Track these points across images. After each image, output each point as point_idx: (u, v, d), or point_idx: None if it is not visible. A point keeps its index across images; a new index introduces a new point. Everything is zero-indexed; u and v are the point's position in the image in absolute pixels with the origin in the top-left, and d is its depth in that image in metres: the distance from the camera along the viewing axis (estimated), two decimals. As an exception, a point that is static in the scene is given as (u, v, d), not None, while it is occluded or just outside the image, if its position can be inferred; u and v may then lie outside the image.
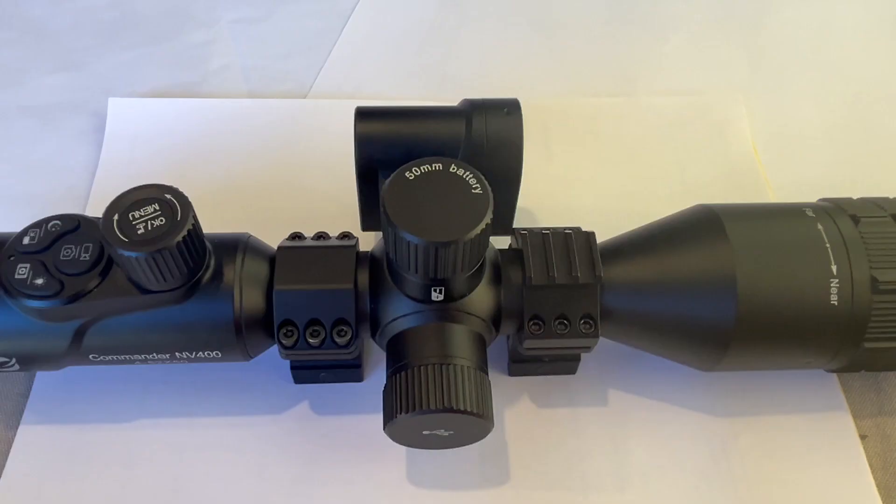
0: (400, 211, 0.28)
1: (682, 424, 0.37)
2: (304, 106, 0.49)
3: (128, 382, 0.37)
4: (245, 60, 0.51)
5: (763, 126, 0.49)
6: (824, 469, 0.35)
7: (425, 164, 0.29)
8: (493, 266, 0.33)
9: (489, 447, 0.36)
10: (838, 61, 0.53)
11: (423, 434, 0.31)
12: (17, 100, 0.48)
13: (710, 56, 0.53)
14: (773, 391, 0.37)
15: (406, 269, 0.29)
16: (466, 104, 0.35)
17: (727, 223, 0.33)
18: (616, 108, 0.49)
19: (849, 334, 0.32)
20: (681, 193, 0.45)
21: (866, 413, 0.37)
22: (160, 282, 0.30)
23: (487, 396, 0.30)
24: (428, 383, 0.29)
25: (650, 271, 0.33)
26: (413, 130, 0.34)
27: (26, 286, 0.30)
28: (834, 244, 0.32)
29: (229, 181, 0.45)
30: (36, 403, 0.37)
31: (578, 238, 0.33)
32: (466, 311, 0.31)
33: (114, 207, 0.29)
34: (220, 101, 0.48)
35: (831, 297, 0.31)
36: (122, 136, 0.46)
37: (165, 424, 0.36)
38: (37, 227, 0.31)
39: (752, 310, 0.31)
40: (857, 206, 0.34)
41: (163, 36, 0.52)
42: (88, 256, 0.30)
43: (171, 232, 0.28)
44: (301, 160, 0.46)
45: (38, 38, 0.52)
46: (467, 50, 0.53)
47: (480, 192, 0.28)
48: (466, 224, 0.27)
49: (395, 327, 0.32)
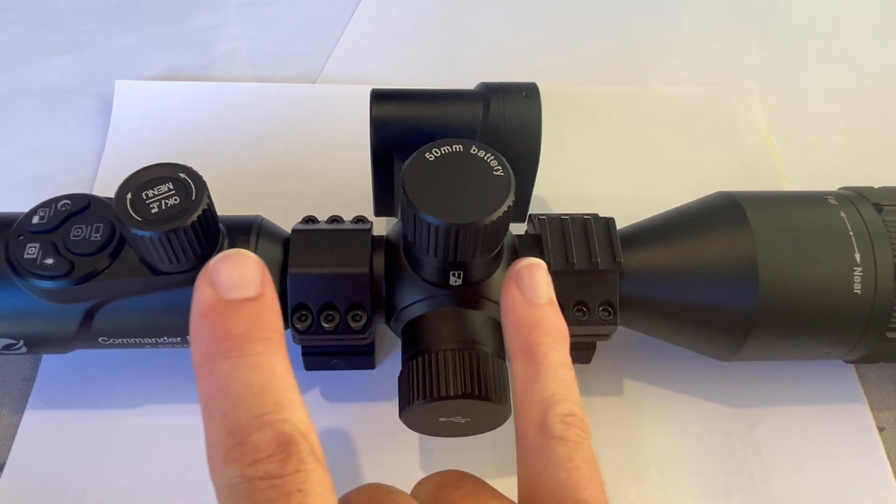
0: (420, 192, 0.27)
1: (698, 415, 0.36)
2: (313, 90, 0.48)
3: (135, 367, 0.37)
4: (253, 44, 0.51)
5: (777, 116, 0.48)
6: (842, 461, 0.35)
7: (446, 146, 0.28)
8: (510, 251, 0.32)
9: (503, 436, 0.35)
10: (852, 51, 0.52)
11: (439, 421, 0.30)
12: (23, 82, 0.48)
13: (724, 46, 0.53)
14: (791, 382, 0.37)
15: (425, 253, 0.29)
16: (483, 87, 0.34)
17: (748, 210, 0.32)
18: (629, 96, 0.49)
19: (871, 324, 0.31)
20: (695, 183, 0.45)
21: (884, 405, 0.37)
22: (173, 263, 0.29)
23: (506, 383, 0.30)
24: (448, 369, 0.28)
25: (670, 258, 0.33)
26: (430, 113, 0.34)
27: (36, 266, 0.29)
28: (857, 232, 0.32)
29: (237, 165, 0.44)
30: (42, 388, 0.36)
31: (598, 224, 0.33)
32: (485, 296, 0.31)
33: (127, 186, 0.28)
34: (229, 85, 0.48)
35: (854, 286, 0.31)
36: (129, 118, 0.46)
37: (173, 410, 0.35)
38: (46, 207, 0.30)
39: (773, 297, 0.31)
40: (879, 194, 0.34)
41: (170, 19, 0.52)
42: (99, 236, 0.30)
43: (185, 211, 0.28)
44: (310, 145, 0.45)
45: (44, 20, 0.51)
46: (478, 36, 0.52)
47: (502, 174, 0.28)
48: (488, 206, 0.27)
49: (411, 312, 0.31)
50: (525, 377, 0.24)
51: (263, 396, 0.19)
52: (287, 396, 0.19)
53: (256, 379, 0.19)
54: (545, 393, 0.23)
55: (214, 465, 0.19)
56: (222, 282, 0.20)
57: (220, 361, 0.19)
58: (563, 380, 0.24)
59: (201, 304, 0.20)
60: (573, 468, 0.22)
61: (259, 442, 0.18)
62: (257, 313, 0.20)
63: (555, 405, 0.23)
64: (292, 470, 0.18)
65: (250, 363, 0.19)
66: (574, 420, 0.23)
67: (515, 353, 0.25)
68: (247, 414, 0.19)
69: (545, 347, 0.24)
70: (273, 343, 0.20)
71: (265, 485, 0.18)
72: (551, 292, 0.26)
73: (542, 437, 0.23)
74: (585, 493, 0.22)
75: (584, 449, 0.23)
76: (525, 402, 0.24)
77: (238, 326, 0.19)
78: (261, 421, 0.18)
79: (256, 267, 0.20)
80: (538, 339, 0.24)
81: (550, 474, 0.22)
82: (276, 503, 0.18)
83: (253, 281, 0.20)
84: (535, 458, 0.23)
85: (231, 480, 0.18)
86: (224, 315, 0.20)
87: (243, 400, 0.19)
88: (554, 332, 0.25)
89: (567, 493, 0.22)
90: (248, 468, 0.18)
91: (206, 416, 0.19)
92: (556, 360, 0.24)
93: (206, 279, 0.20)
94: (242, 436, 0.18)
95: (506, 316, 0.26)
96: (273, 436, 0.18)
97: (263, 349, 0.19)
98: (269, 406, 0.19)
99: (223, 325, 0.19)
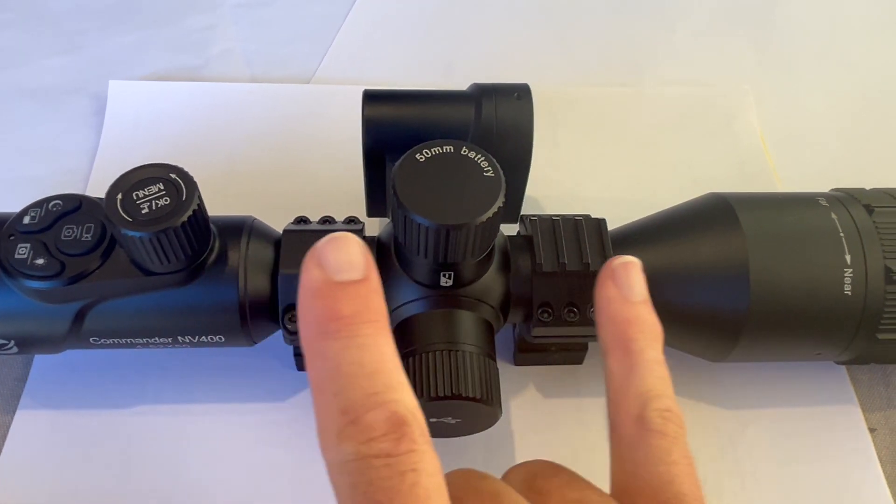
0: (410, 193, 0.27)
1: (690, 416, 0.35)
2: (307, 91, 0.48)
3: (127, 368, 0.37)
4: (248, 45, 0.51)
5: (771, 118, 0.48)
6: (833, 462, 0.35)
7: (436, 147, 0.28)
8: (502, 252, 0.32)
9: (494, 437, 0.35)
10: (847, 54, 0.53)
11: (430, 422, 0.30)
12: (18, 82, 0.48)
13: (719, 47, 0.53)
14: (782, 383, 0.37)
15: (415, 254, 0.29)
16: (476, 88, 0.34)
17: (739, 211, 0.32)
18: (624, 97, 0.49)
19: (862, 325, 0.32)
20: (689, 184, 0.44)
21: (875, 406, 0.37)
22: (164, 263, 0.29)
23: (495, 384, 0.30)
24: (436, 370, 0.29)
25: (661, 260, 0.33)
26: (422, 114, 0.34)
27: (26, 266, 0.29)
28: (848, 233, 0.32)
29: (231, 165, 0.44)
30: (33, 388, 0.36)
31: (589, 225, 0.33)
32: (475, 297, 0.31)
33: (117, 186, 0.28)
34: (223, 85, 0.48)
35: (845, 287, 0.31)
36: (123, 119, 0.46)
37: (165, 410, 0.35)
38: (37, 207, 0.31)
39: (764, 299, 0.31)
40: (870, 196, 0.34)
41: (164, 19, 0.52)
42: (90, 237, 0.30)
43: (175, 212, 0.28)
44: (304, 145, 0.45)
45: (39, 19, 0.51)
46: (473, 37, 0.53)
47: (492, 174, 0.28)
48: (478, 207, 0.27)
49: (402, 313, 0.31)
50: (620, 372, 0.24)
51: (375, 377, 0.19)
52: (397, 378, 0.19)
53: (367, 359, 0.19)
54: (643, 388, 0.24)
55: (327, 442, 0.19)
56: (330, 263, 0.20)
57: (331, 341, 0.19)
58: (659, 376, 0.24)
59: (310, 284, 0.20)
60: (672, 462, 0.22)
61: (373, 421, 0.18)
62: (365, 295, 0.20)
63: (653, 400, 0.23)
64: (406, 449, 0.18)
65: (360, 344, 0.19)
66: (671, 416, 0.23)
67: (611, 348, 0.25)
68: (360, 393, 0.19)
69: (641, 343, 0.24)
70: (380, 325, 0.20)
71: (380, 463, 0.18)
72: (646, 290, 0.26)
73: (641, 431, 0.23)
74: (684, 486, 0.22)
75: (681, 444, 0.23)
76: (621, 396, 0.24)
77: (347, 308, 0.20)
78: (374, 400, 0.19)
79: (362, 250, 0.20)
80: (634, 335, 0.25)
81: (649, 467, 0.22)
82: (391, 481, 0.18)
83: (359, 264, 0.20)
84: (633, 451, 0.23)
85: (346, 457, 0.18)
86: (333, 296, 0.20)
87: (355, 379, 0.19)
88: (649, 329, 0.25)
89: (666, 486, 0.22)
90: (363, 446, 0.18)
91: (317, 394, 0.19)
92: (652, 357, 0.24)
93: (314, 260, 0.20)
94: (356, 414, 0.18)
95: (601, 312, 0.26)
96: (387, 415, 0.18)
97: (372, 331, 0.20)
98: (380, 386, 0.19)
99: (332, 305, 0.20)
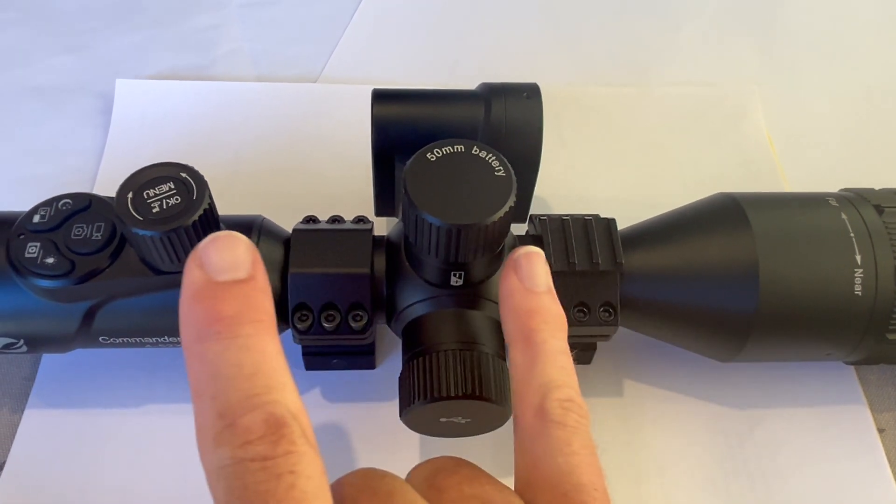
0: (421, 192, 0.27)
1: (699, 416, 0.36)
2: (314, 90, 0.48)
3: (135, 367, 0.37)
4: (254, 44, 0.51)
5: (778, 117, 0.48)
6: (842, 462, 0.35)
7: (447, 146, 0.28)
8: (511, 251, 0.32)
9: (503, 436, 0.35)
10: (854, 53, 0.52)
11: (439, 421, 0.30)
12: (23, 81, 0.48)
13: (725, 47, 0.53)
14: (791, 383, 0.37)
15: (426, 253, 0.29)
16: (485, 88, 0.34)
17: (749, 211, 0.32)
18: (630, 97, 0.49)
19: (872, 325, 0.31)
20: (695, 184, 0.45)
21: (884, 406, 0.37)
22: (174, 262, 0.29)
23: (506, 383, 0.30)
24: (448, 369, 0.28)
25: (670, 259, 0.33)
26: (431, 114, 0.34)
27: (36, 265, 0.29)
28: (858, 233, 0.32)
29: (238, 165, 0.44)
30: (42, 387, 0.36)
31: (598, 224, 0.33)
32: (486, 296, 0.31)
33: (128, 185, 0.28)
34: (230, 85, 0.48)
35: (855, 287, 0.31)
36: (130, 118, 0.46)
37: (173, 410, 0.35)
38: (47, 206, 0.30)
39: (774, 299, 0.31)
40: (880, 196, 0.34)
41: (171, 19, 0.52)
42: (100, 236, 0.30)
43: (186, 211, 0.28)
44: (311, 145, 0.45)
45: (45, 19, 0.51)
46: (479, 36, 0.52)
47: (503, 174, 0.28)
48: (489, 206, 0.27)
49: (411, 312, 0.31)
50: (523, 363, 0.24)
51: (254, 378, 0.19)
52: (278, 378, 0.19)
53: (247, 361, 0.19)
54: (544, 378, 0.23)
55: (204, 447, 0.18)
56: (212, 264, 0.20)
57: (210, 343, 0.19)
58: (561, 366, 0.24)
59: (191, 286, 0.20)
60: (571, 453, 0.22)
61: (249, 423, 0.18)
62: (248, 295, 0.19)
63: (553, 390, 0.23)
64: (283, 452, 0.18)
65: (241, 345, 0.19)
66: (572, 405, 0.23)
67: (514, 340, 0.25)
68: (237, 396, 0.18)
69: (544, 334, 0.24)
70: (264, 325, 0.19)
71: (256, 466, 0.18)
72: (549, 280, 0.26)
73: (541, 422, 0.23)
74: (584, 477, 0.22)
75: (582, 434, 0.23)
76: (523, 387, 0.24)
77: (228, 308, 0.19)
78: (251, 402, 0.18)
79: (247, 249, 0.20)
80: (536, 325, 0.25)
81: (548, 459, 0.22)
82: (267, 484, 0.17)
83: (244, 263, 0.20)
84: (533, 443, 0.23)
85: (221, 462, 0.18)
86: (214, 297, 0.19)
87: (233, 382, 0.18)
88: (552, 319, 0.25)
89: (565, 477, 0.22)
90: (239, 450, 0.18)
91: (196, 399, 0.19)
92: (555, 347, 0.24)
93: (195, 261, 0.20)
94: (233, 417, 0.18)
95: (504, 303, 0.26)
96: (264, 417, 0.18)
97: (254, 331, 0.19)
98: (259, 388, 0.18)
99: (213, 307, 0.19)
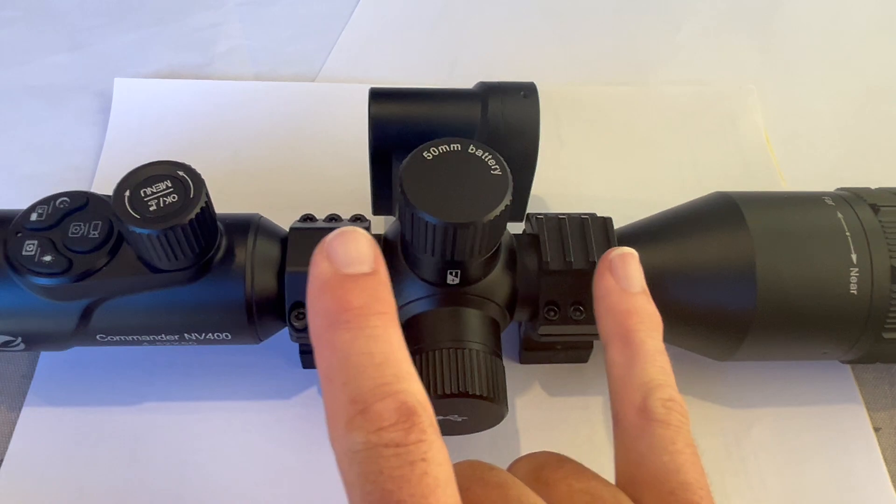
0: (418, 191, 0.27)
1: (695, 415, 0.36)
2: (313, 89, 0.48)
3: (133, 365, 0.37)
4: (253, 43, 0.51)
5: (776, 117, 0.48)
6: (838, 461, 0.35)
7: (443, 145, 0.28)
8: (508, 250, 0.32)
9: (500, 435, 0.35)
10: (851, 52, 0.53)
11: (436, 419, 0.30)
12: (22, 79, 0.48)
13: (723, 46, 0.53)
14: (787, 383, 0.37)
15: (422, 251, 0.29)
16: (482, 87, 0.34)
17: (746, 210, 0.32)
18: (627, 96, 0.49)
19: (868, 324, 0.32)
20: (693, 183, 0.45)
21: (880, 405, 0.37)
22: (171, 261, 0.29)
23: (502, 382, 0.30)
24: (443, 367, 0.29)
25: (667, 258, 0.33)
26: (428, 113, 0.34)
27: (34, 263, 0.29)
28: (854, 233, 0.32)
29: (236, 164, 0.44)
30: (39, 385, 0.36)
31: (595, 223, 0.33)
32: (482, 295, 0.31)
33: (125, 183, 0.28)
34: (228, 83, 0.48)
35: (851, 286, 0.31)
36: (128, 116, 0.46)
37: (171, 408, 0.36)
38: (45, 204, 0.31)
39: (770, 298, 0.31)
40: (875, 195, 0.34)
41: (169, 17, 0.52)
42: (97, 234, 0.30)
43: (183, 209, 0.28)
44: (310, 144, 0.45)
45: (44, 17, 0.51)
46: (477, 36, 0.53)
47: (500, 173, 0.28)
48: (485, 205, 0.27)
49: (408, 311, 0.31)
50: (622, 363, 0.24)
51: (384, 367, 0.19)
52: (405, 368, 0.20)
53: (376, 350, 0.19)
54: (645, 378, 0.24)
55: (336, 431, 0.19)
56: (339, 257, 0.20)
57: (341, 332, 0.19)
58: (661, 366, 0.24)
59: (320, 277, 0.20)
60: (676, 451, 0.22)
61: (382, 410, 0.18)
62: (374, 288, 0.20)
63: (655, 390, 0.23)
64: (415, 439, 0.18)
65: (369, 335, 0.19)
66: (674, 405, 0.23)
67: (611, 340, 0.25)
68: (368, 383, 0.19)
69: (642, 334, 0.25)
70: (389, 317, 0.20)
71: (390, 452, 0.18)
72: (643, 281, 0.26)
73: (644, 421, 0.23)
74: (689, 475, 0.22)
75: (685, 433, 0.23)
76: (624, 386, 0.24)
77: (356, 300, 0.20)
78: (383, 391, 0.19)
79: (370, 244, 0.21)
80: (634, 325, 0.25)
81: (653, 457, 0.22)
82: (402, 470, 0.18)
83: (368, 257, 0.20)
84: (637, 442, 0.23)
85: (355, 447, 0.18)
86: (342, 288, 0.20)
87: (365, 370, 0.19)
88: (648, 319, 0.25)
89: (671, 475, 0.22)
90: (373, 435, 0.18)
91: (326, 384, 0.20)
92: (653, 347, 0.25)
93: (322, 254, 0.20)
94: (366, 403, 0.19)
95: (599, 303, 0.26)
96: (396, 405, 0.19)
97: (382, 322, 0.20)
98: (389, 377, 0.19)
99: (342, 297, 0.20)
